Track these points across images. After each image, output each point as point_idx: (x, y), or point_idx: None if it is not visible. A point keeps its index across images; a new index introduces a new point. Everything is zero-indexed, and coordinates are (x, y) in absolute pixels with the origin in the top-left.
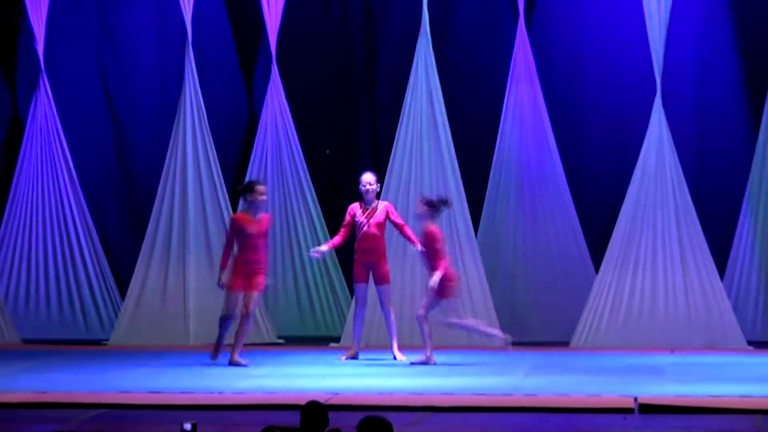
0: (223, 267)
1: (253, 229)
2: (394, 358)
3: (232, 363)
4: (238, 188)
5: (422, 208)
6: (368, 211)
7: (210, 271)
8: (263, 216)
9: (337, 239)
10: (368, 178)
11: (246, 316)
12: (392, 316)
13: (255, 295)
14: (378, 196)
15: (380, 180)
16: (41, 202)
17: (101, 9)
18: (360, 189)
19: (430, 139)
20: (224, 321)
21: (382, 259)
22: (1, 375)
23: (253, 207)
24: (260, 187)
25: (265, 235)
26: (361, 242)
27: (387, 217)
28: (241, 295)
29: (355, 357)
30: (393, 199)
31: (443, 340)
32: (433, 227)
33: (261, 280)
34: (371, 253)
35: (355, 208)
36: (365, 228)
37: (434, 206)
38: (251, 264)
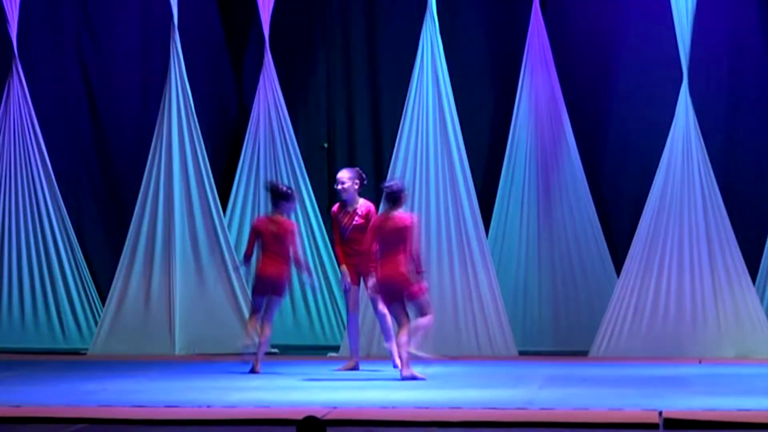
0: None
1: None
2: (395, 366)
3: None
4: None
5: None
6: (348, 214)
7: (198, 274)
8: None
9: (337, 250)
10: (341, 175)
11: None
12: (388, 320)
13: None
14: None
15: (380, 177)
16: (14, 199)
17: None
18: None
19: (437, 131)
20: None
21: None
22: None
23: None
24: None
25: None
26: (344, 246)
27: (367, 220)
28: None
29: (355, 368)
30: None
31: (448, 349)
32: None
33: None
34: (356, 256)
35: (335, 209)
36: (346, 233)
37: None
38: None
